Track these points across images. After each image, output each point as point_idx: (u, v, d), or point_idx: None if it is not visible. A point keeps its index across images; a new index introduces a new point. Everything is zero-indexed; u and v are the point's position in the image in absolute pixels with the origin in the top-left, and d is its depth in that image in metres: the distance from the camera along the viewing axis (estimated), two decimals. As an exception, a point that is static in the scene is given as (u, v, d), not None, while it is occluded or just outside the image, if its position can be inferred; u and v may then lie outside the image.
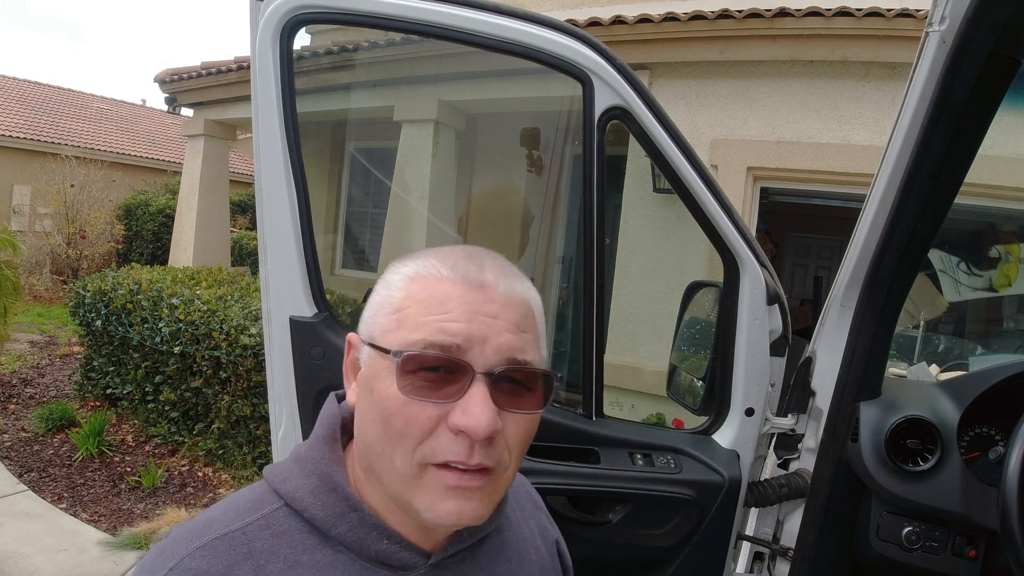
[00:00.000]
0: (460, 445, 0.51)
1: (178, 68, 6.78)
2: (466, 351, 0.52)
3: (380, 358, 0.55)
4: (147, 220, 9.94)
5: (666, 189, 4.26)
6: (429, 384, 0.52)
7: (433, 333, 0.52)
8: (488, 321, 0.53)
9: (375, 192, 6.66)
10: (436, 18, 1.12)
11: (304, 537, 0.56)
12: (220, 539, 0.54)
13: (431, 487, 0.52)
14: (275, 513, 0.57)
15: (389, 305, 0.57)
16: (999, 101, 0.87)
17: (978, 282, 3.36)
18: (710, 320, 1.37)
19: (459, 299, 0.54)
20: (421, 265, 0.57)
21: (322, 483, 0.57)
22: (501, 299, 0.55)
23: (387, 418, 0.53)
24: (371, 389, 0.55)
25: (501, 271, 0.57)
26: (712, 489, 1.22)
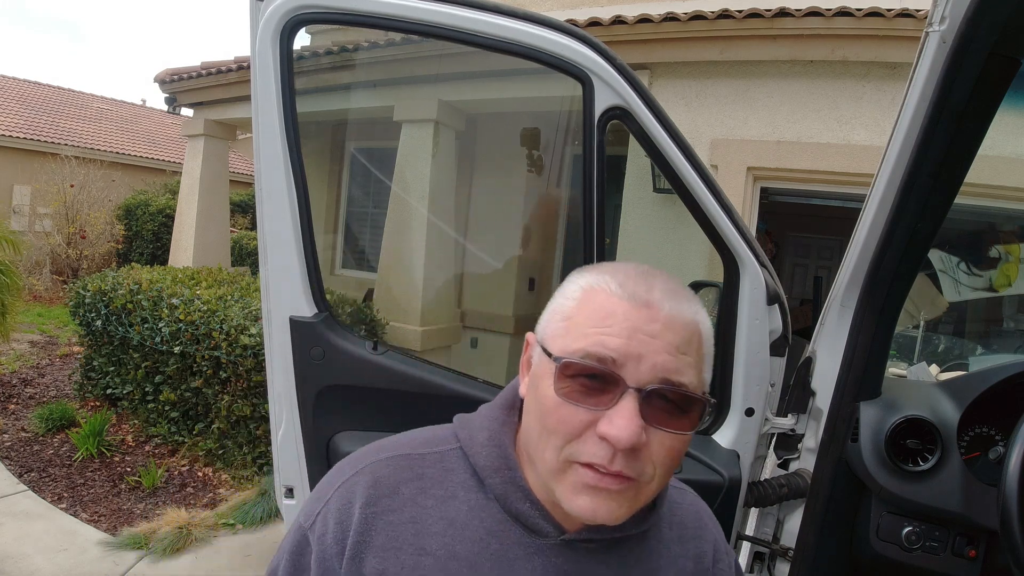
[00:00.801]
0: (603, 450, 0.55)
1: (178, 68, 6.78)
2: (621, 366, 0.56)
3: (546, 360, 0.60)
4: (147, 220, 9.94)
5: (666, 189, 4.26)
6: (584, 390, 0.56)
7: (593, 344, 0.56)
8: (647, 340, 0.57)
9: (375, 192, 6.66)
10: (436, 18, 1.12)
11: (466, 478, 0.65)
12: (402, 457, 0.66)
13: (572, 482, 0.57)
14: (450, 452, 0.67)
15: (561, 312, 0.62)
16: (999, 101, 0.87)
17: (978, 282, 3.36)
18: (710, 320, 1.37)
19: (623, 315, 0.57)
20: (596, 278, 0.62)
21: (491, 438, 0.66)
22: (664, 320, 0.58)
23: (543, 415, 0.58)
24: (536, 386, 0.61)
25: (670, 293, 0.60)
26: (712, 489, 1.22)
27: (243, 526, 3.16)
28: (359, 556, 0.60)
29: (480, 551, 0.61)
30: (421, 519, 0.62)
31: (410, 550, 0.60)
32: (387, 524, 0.61)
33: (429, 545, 0.61)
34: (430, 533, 0.61)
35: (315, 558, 0.62)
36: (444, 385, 1.25)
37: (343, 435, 1.26)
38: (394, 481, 0.63)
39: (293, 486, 1.31)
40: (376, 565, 0.60)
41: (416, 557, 0.60)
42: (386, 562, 0.60)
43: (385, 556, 0.60)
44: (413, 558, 0.60)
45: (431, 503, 0.63)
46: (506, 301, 5.43)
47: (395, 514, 0.62)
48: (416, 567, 0.60)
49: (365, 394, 1.26)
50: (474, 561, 0.60)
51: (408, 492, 0.63)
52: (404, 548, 0.60)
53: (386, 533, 0.61)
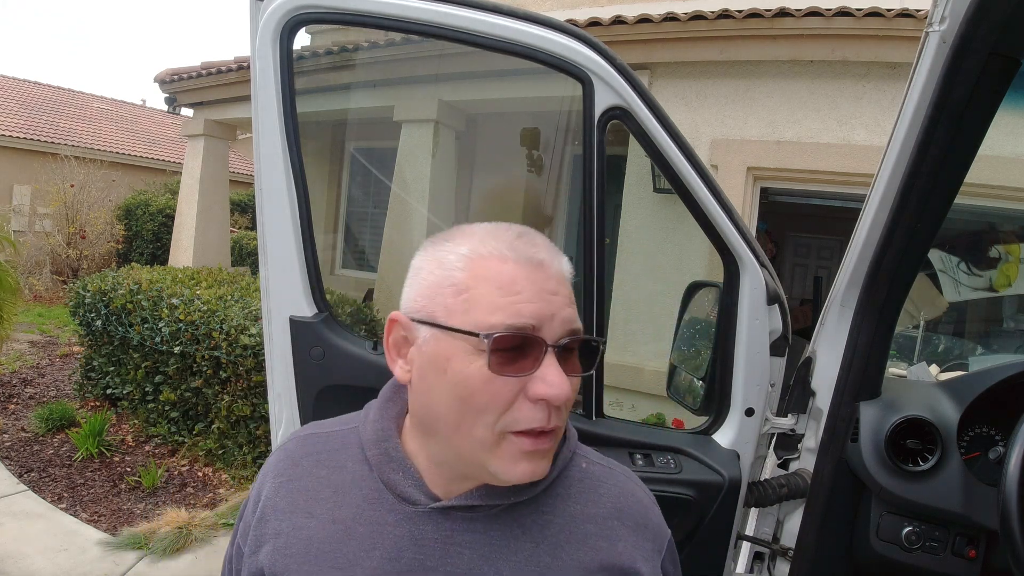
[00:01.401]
0: (540, 412, 0.58)
1: (178, 68, 6.78)
2: (539, 328, 0.58)
3: (451, 339, 0.59)
4: (147, 220, 9.94)
5: (666, 189, 4.26)
6: (508, 360, 0.58)
7: (511, 316, 0.57)
8: (551, 298, 0.60)
9: (375, 192, 6.66)
10: (436, 18, 1.12)
11: (356, 452, 0.70)
12: (311, 435, 0.74)
13: (508, 453, 0.59)
14: (350, 431, 0.73)
15: (451, 285, 0.60)
16: (999, 101, 0.87)
17: (978, 282, 3.36)
18: (710, 320, 1.37)
19: (524, 279, 0.59)
20: (478, 245, 0.62)
21: (376, 414, 0.72)
22: (556, 276, 0.62)
23: (468, 395, 0.58)
24: (442, 370, 0.60)
25: (549, 248, 0.64)
26: (712, 489, 1.22)
27: (243, 526, 3.16)
28: (265, 518, 0.69)
29: (356, 516, 0.66)
30: (314, 487, 0.69)
31: (301, 513, 0.67)
32: (288, 491, 0.69)
33: (316, 509, 0.67)
34: (319, 499, 0.68)
35: (243, 521, 0.73)
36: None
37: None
38: (298, 455, 0.72)
39: (293, 486, 1.31)
40: (275, 526, 0.68)
41: (304, 519, 0.67)
42: (282, 523, 0.67)
43: (282, 518, 0.68)
44: (302, 520, 0.67)
45: (324, 473, 0.70)
46: (506, 301, 5.41)
47: (295, 482, 0.70)
48: (303, 527, 0.66)
49: (365, 394, 1.25)
50: (350, 525, 0.66)
51: (307, 464, 0.71)
52: (297, 511, 0.68)
53: (287, 499, 0.69)
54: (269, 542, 0.67)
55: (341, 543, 0.64)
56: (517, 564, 0.64)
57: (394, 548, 0.64)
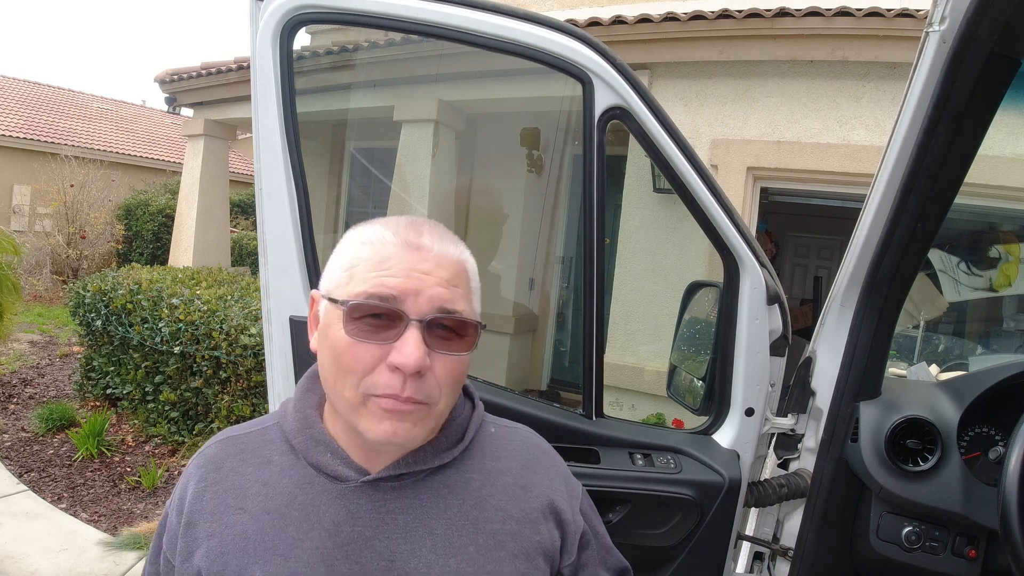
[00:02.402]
0: (396, 380, 0.63)
1: (178, 68, 6.78)
2: (402, 301, 0.63)
3: (333, 308, 0.66)
4: (147, 220, 9.94)
5: (666, 189, 4.26)
6: (372, 329, 0.63)
7: (374, 286, 0.64)
8: (421, 277, 0.64)
9: (375, 192, 6.66)
10: (436, 18, 1.12)
11: (280, 445, 0.73)
12: (229, 439, 0.75)
13: (371, 413, 0.64)
14: (270, 427, 0.76)
15: (341, 264, 0.68)
16: (999, 101, 0.87)
17: (978, 282, 3.36)
18: (710, 320, 1.37)
19: (398, 258, 0.65)
20: (371, 231, 0.69)
21: (295, 406, 0.75)
22: (434, 259, 0.66)
23: (337, 357, 0.65)
24: (325, 335, 0.67)
25: (437, 236, 0.69)
26: (712, 489, 1.22)
27: (243, 526, 3.16)
28: (193, 523, 0.70)
29: (289, 503, 0.69)
30: (241, 485, 0.71)
31: (231, 511, 0.69)
32: (214, 494, 0.70)
33: (247, 505, 0.69)
34: (248, 495, 0.70)
35: (167, 530, 0.73)
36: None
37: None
38: (219, 458, 0.73)
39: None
40: (207, 528, 0.69)
41: (236, 516, 0.68)
42: (213, 525, 0.69)
43: (212, 520, 0.69)
44: (233, 517, 0.68)
45: (250, 471, 0.72)
46: (506, 301, 5.43)
47: (220, 484, 0.71)
48: (235, 524, 0.68)
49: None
50: (284, 512, 0.68)
51: (230, 465, 0.72)
52: (227, 511, 0.69)
53: (213, 501, 0.70)
54: (202, 545, 0.68)
55: (278, 530, 0.67)
56: (448, 521, 0.70)
57: (332, 525, 0.67)
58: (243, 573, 0.66)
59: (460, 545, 0.69)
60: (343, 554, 0.66)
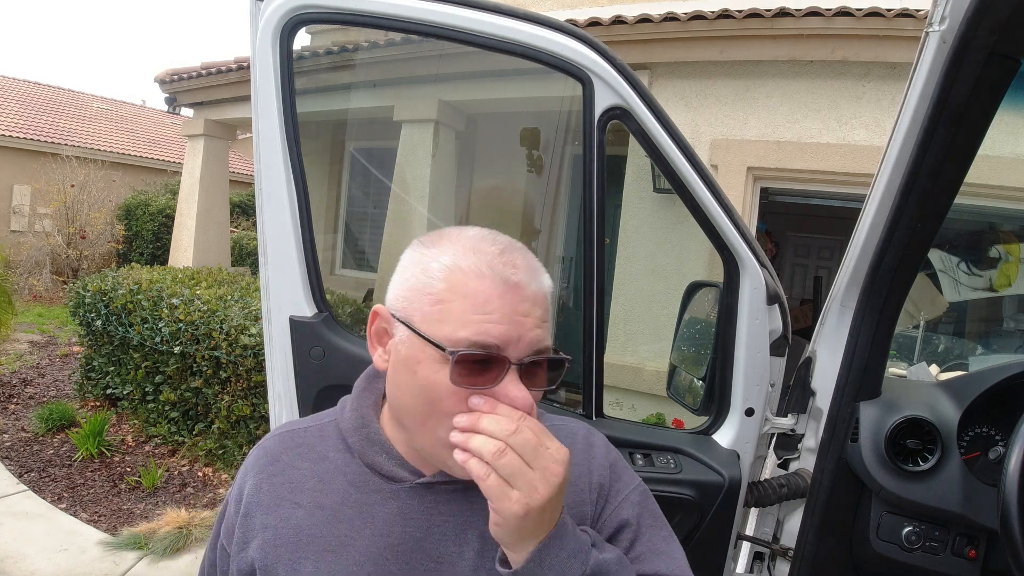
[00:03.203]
0: None
1: (178, 68, 6.78)
2: (504, 348, 0.62)
3: (423, 345, 0.63)
4: (147, 220, 9.94)
5: (666, 189, 4.26)
6: (472, 373, 0.61)
7: (478, 334, 0.61)
8: (521, 320, 0.63)
9: (375, 192, 6.66)
10: (436, 18, 1.12)
11: (337, 442, 0.75)
12: (287, 432, 0.77)
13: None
14: (327, 424, 0.77)
15: (430, 294, 0.64)
16: (999, 101, 0.87)
17: (978, 282, 3.36)
18: (710, 320, 1.37)
19: (498, 300, 0.62)
20: (459, 258, 0.64)
21: (353, 404, 0.76)
22: (531, 298, 0.64)
23: (434, 400, 0.63)
24: (413, 371, 0.64)
25: (529, 268, 0.66)
26: (712, 489, 1.22)
27: (243, 526, 3.16)
28: (250, 514, 0.71)
29: (343, 500, 0.70)
30: (297, 479, 0.72)
31: (287, 504, 0.70)
32: (271, 485, 0.72)
33: (301, 499, 0.70)
34: (303, 489, 0.71)
35: (225, 519, 0.75)
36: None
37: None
38: (277, 451, 0.75)
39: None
40: (262, 520, 0.70)
41: (291, 510, 0.70)
42: (269, 516, 0.70)
43: (268, 512, 0.70)
44: (288, 510, 0.70)
45: (306, 465, 0.73)
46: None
47: (277, 477, 0.72)
48: (290, 518, 0.69)
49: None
50: (337, 509, 0.69)
51: (287, 458, 0.74)
52: (282, 503, 0.71)
53: (270, 493, 0.71)
54: (257, 536, 0.69)
55: (331, 526, 0.68)
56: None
57: (384, 525, 0.68)
58: (295, 567, 0.67)
59: None
60: (393, 554, 0.67)
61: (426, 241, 0.69)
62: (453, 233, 0.68)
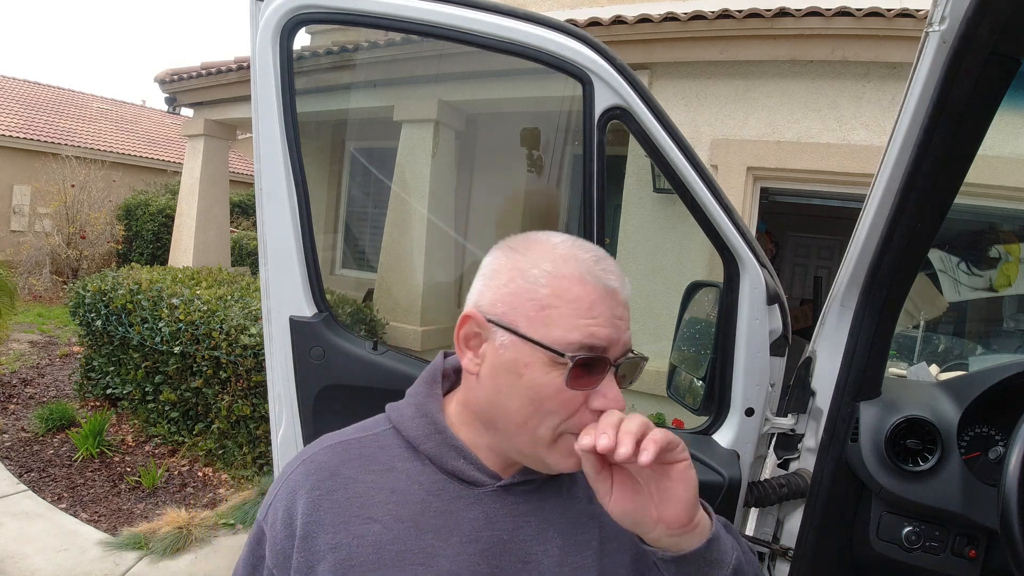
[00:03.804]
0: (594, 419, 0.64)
1: (178, 68, 6.78)
2: (607, 350, 0.65)
3: (532, 350, 0.65)
4: (147, 220, 9.93)
5: (666, 189, 4.26)
6: (579, 375, 0.64)
7: (587, 337, 0.64)
8: (619, 323, 0.66)
9: (375, 192, 6.66)
10: (436, 18, 1.12)
11: (401, 451, 0.72)
12: (340, 443, 0.73)
13: (564, 449, 0.66)
14: (384, 432, 0.74)
15: (534, 299, 0.66)
16: (999, 101, 0.87)
17: (978, 282, 3.36)
18: (710, 320, 1.37)
19: (601, 305, 0.65)
20: (560, 264, 0.67)
21: (418, 411, 0.74)
22: (624, 302, 0.68)
23: (540, 400, 0.64)
24: (519, 374, 0.65)
25: (618, 275, 0.69)
26: (712, 489, 1.21)
27: (243, 526, 3.16)
28: (311, 535, 0.66)
29: (423, 510, 0.68)
30: (364, 493, 0.68)
31: (357, 521, 0.66)
32: (333, 503, 0.67)
33: (375, 513, 0.67)
34: (374, 503, 0.68)
35: (269, 545, 0.69)
36: (444, 385, 1.25)
37: (343, 435, 1.26)
38: (333, 465, 0.70)
39: (293, 486, 1.31)
40: (329, 540, 0.66)
41: (364, 526, 0.66)
42: (338, 535, 0.66)
43: (336, 530, 0.66)
44: (362, 527, 0.66)
45: (371, 478, 0.70)
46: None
47: (339, 492, 0.68)
48: (365, 535, 0.66)
49: (365, 394, 1.26)
50: (418, 520, 0.67)
51: (348, 472, 0.70)
52: (352, 520, 0.66)
53: (333, 511, 0.67)
54: (326, 558, 0.65)
55: (415, 539, 0.66)
56: (571, 519, 0.73)
57: (471, 530, 0.68)
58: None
59: (584, 541, 0.72)
60: (483, 559, 0.67)
61: (516, 247, 0.70)
62: (543, 239, 0.70)
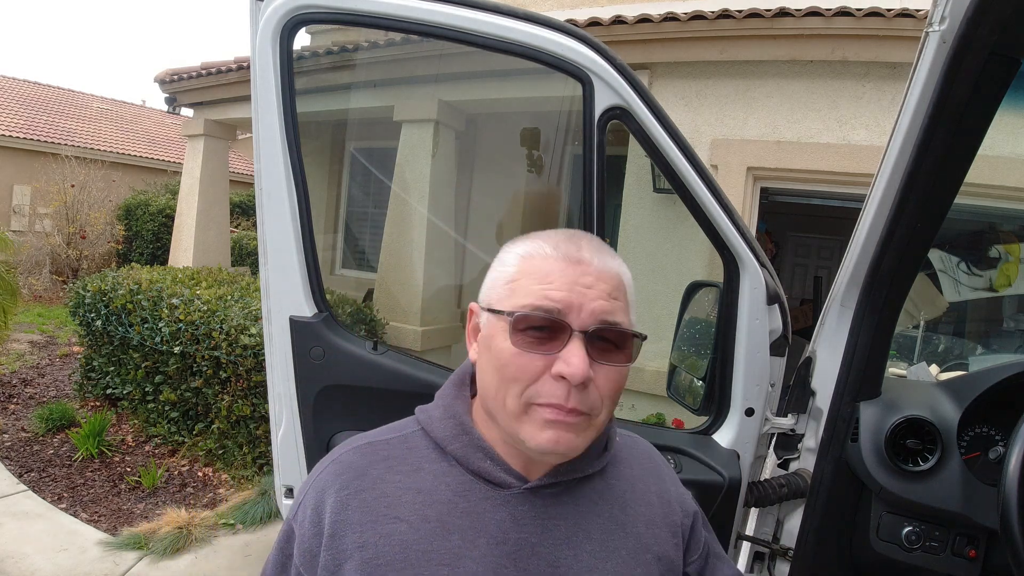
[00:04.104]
0: (560, 389, 0.64)
1: (178, 68, 6.78)
2: (566, 314, 0.64)
3: (496, 320, 0.68)
4: (147, 220, 9.93)
5: (666, 189, 4.26)
6: (536, 340, 0.65)
7: (539, 299, 0.65)
8: (583, 291, 0.66)
9: (375, 192, 6.66)
10: (436, 18, 1.12)
11: (428, 452, 0.72)
12: (369, 444, 0.73)
13: (534, 421, 0.65)
14: (412, 434, 0.75)
15: (503, 279, 0.70)
16: (999, 101, 0.87)
17: (978, 282, 3.36)
18: (710, 320, 1.37)
19: (560, 272, 0.66)
20: (530, 246, 0.70)
21: (445, 412, 0.74)
22: (595, 272, 0.67)
23: (501, 367, 0.66)
24: (489, 346, 0.68)
25: (596, 250, 0.69)
26: (712, 489, 1.22)
27: (243, 526, 3.16)
28: (338, 534, 0.66)
29: (450, 511, 0.68)
30: (391, 493, 0.69)
31: (385, 520, 0.67)
32: (360, 502, 0.68)
33: (401, 513, 0.67)
34: (401, 503, 0.68)
35: (297, 543, 0.69)
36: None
37: (343, 435, 1.26)
38: (362, 465, 0.71)
39: (293, 486, 1.31)
40: (356, 539, 0.66)
41: (391, 525, 0.66)
42: (365, 535, 0.66)
43: (363, 529, 0.66)
44: (388, 526, 0.66)
45: (399, 478, 0.70)
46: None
47: (367, 492, 0.69)
48: (392, 534, 0.66)
49: (365, 394, 1.26)
50: (445, 520, 0.67)
51: (376, 472, 0.70)
52: (379, 520, 0.67)
53: (361, 510, 0.67)
54: (353, 556, 0.65)
55: (441, 539, 0.66)
56: (602, 525, 0.72)
57: (498, 532, 0.67)
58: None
59: (614, 548, 0.71)
60: (511, 561, 0.67)
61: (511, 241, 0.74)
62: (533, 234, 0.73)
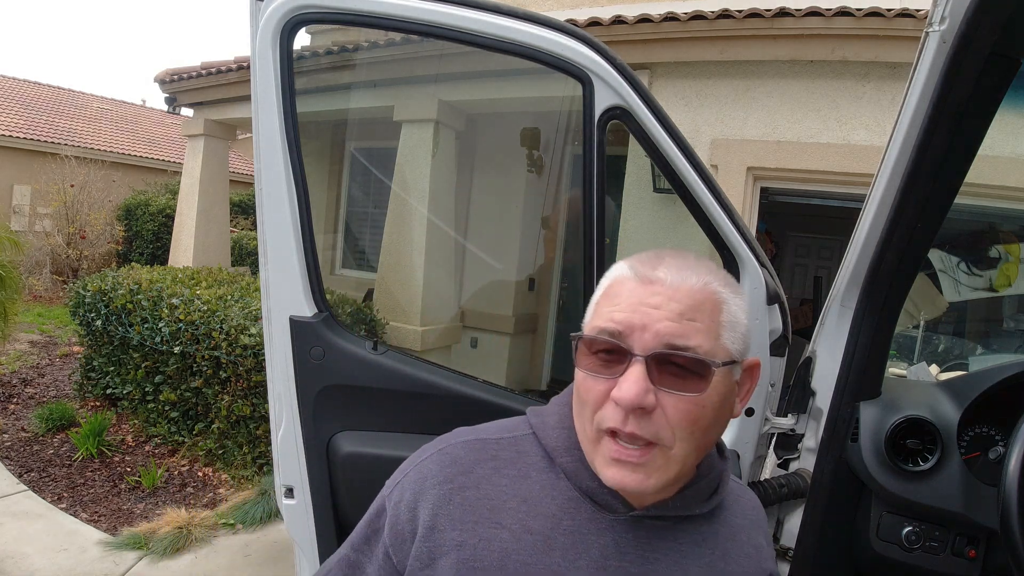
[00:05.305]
0: (618, 413, 0.61)
1: (178, 68, 6.78)
2: (627, 336, 0.62)
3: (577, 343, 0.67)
4: (147, 220, 9.93)
5: (666, 189, 4.26)
6: (603, 363, 0.63)
7: (604, 321, 0.64)
8: (649, 311, 0.62)
9: (375, 192, 6.66)
10: (436, 18, 1.12)
11: (538, 460, 0.70)
12: (478, 441, 0.71)
13: (602, 453, 0.63)
14: (523, 437, 0.72)
15: (593, 301, 0.70)
16: (999, 101, 0.87)
17: (978, 282, 3.36)
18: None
19: (628, 293, 0.64)
20: (617, 267, 0.69)
21: (560, 421, 0.72)
22: (667, 292, 0.63)
23: (578, 390, 0.66)
24: (576, 370, 0.67)
25: (676, 267, 0.65)
26: (712, 489, 1.21)
27: (243, 526, 3.16)
28: (437, 528, 0.65)
29: (554, 526, 0.65)
30: (496, 496, 0.67)
31: (487, 524, 0.65)
32: (463, 499, 0.66)
33: (504, 520, 0.65)
34: (505, 509, 0.66)
35: (390, 523, 0.69)
36: (444, 385, 1.25)
37: (343, 435, 1.26)
38: (469, 461, 0.69)
39: (293, 486, 1.31)
40: (455, 536, 0.65)
41: (492, 530, 0.65)
42: (464, 534, 0.65)
43: (463, 528, 0.65)
44: (490, 531, 0.65)
45: (505, 482, 0.68)
46: (506, 301, 5.43)
47: (471, 491, 0.67)
48: (493, 540, 0.64)
49: (365, 394, 1.26)
50: (548, 535, 0.65)
51: (482, 472, 0.68)
52: (481, 522, 0.65)
53: (463, 508, 0.66)
54: (450, 554, 0.64)
55: (542, 554, 0.64)
56: (702, 569, 0.68)
57: (600, 557, 0.65)
58: None
59: None
60: None
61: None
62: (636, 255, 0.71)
